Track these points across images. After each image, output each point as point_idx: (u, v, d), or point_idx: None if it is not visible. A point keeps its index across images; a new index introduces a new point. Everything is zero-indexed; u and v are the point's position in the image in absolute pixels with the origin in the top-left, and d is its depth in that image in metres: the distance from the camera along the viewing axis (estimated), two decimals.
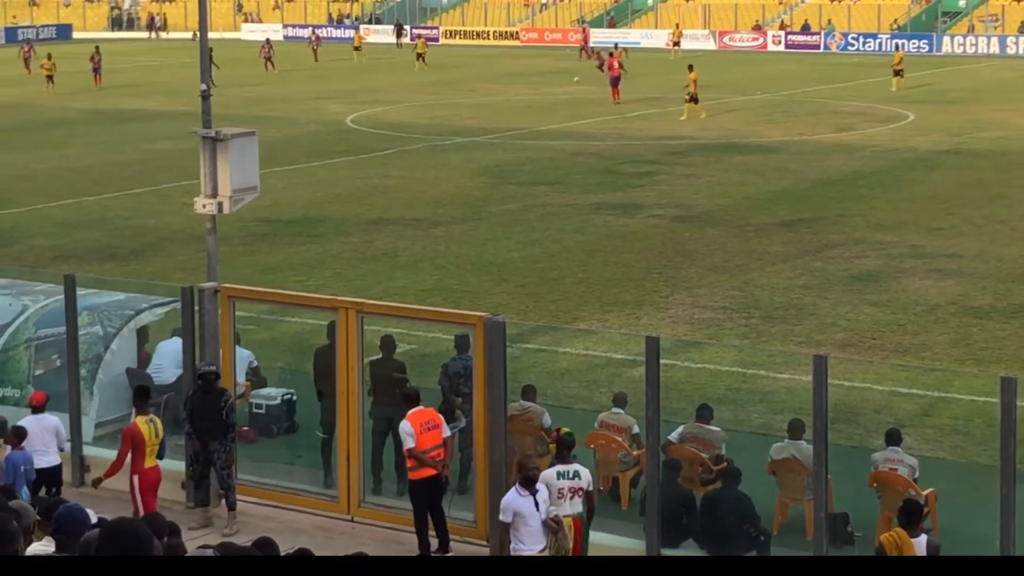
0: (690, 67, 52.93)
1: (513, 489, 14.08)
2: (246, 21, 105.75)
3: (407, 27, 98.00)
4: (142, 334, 19.44)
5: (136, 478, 15.72)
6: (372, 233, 31.84)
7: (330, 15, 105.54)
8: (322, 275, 27.65)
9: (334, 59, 79.86)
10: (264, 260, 29.15)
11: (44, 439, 15.91)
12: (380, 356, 17.39)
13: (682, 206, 34.72)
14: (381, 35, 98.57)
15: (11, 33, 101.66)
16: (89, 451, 17.66)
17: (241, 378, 18.22)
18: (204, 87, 21.38)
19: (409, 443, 15.28)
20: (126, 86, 67.01)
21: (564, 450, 14.55)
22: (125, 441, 15.73)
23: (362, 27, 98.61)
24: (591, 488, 14.55)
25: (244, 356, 18.59)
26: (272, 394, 18.89)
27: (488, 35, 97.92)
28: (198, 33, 21.18)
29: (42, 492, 14.84)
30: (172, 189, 36.98)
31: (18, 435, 15.36)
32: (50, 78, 63.93)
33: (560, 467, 14.38)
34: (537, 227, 32.35)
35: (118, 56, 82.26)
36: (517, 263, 28.73)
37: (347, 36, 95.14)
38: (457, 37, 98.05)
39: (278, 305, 21.01)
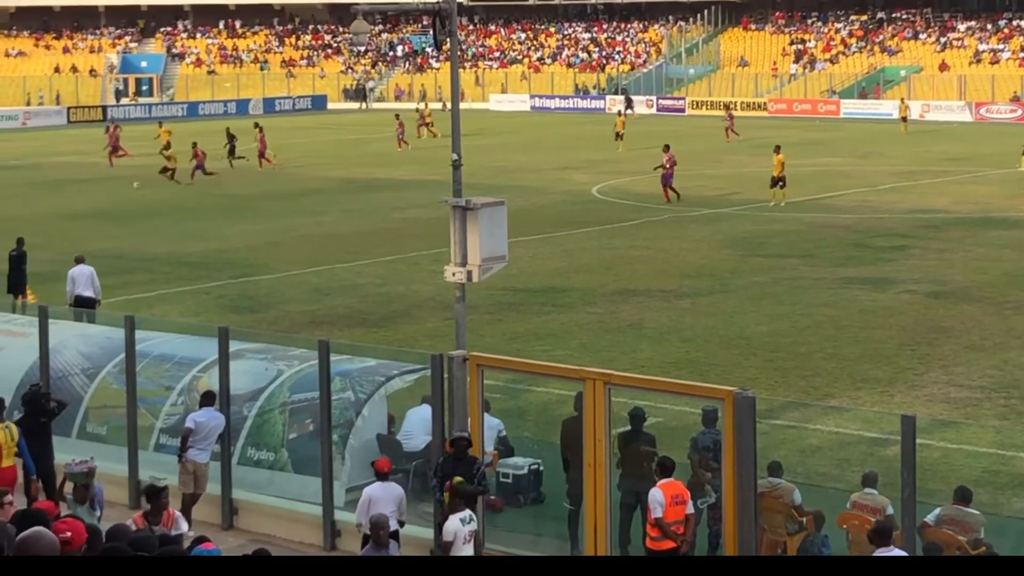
0: (777, 148, 49.82)
1: None
2: (495, 92, 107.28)
3: (652, 98, 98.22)
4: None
5: None
6: (618, 304, 31.78)
7: (576, 86, 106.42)
8: (568, 345, 27.64)
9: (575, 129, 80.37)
10: (511, 329, 29.31)
11: (389, 507, 16.12)
12: (629, 428, 17.24)
13: (936, 281, 33.85)
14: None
15: (269, 104, 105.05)
16: (341, 515, 17.86)
17: (490, 447, 18.24)
18: (455, 157, 21.67)
19: (658, 512, 15.11)
20: (378, 155, 68.46)
21: (458, 499, 15.37)
22: None
23: (608, 98, 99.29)
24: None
25: (493, 424, 18.61)
26: (519, 464, 18.85)
27: (735, 106, 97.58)
28: (447, 104, 21.43)
29: None
30: (421, 257, 37.52)
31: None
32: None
33: (461, 515, 15.20)
34: (786, 300, 31.88)
35: (370, 127, 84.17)
36: (765, 337, 28.32)
37: (594, 107, 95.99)
38: (704, 108, 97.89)
39: (525, 374, 21.01)
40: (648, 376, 21.12)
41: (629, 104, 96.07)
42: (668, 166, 48.79)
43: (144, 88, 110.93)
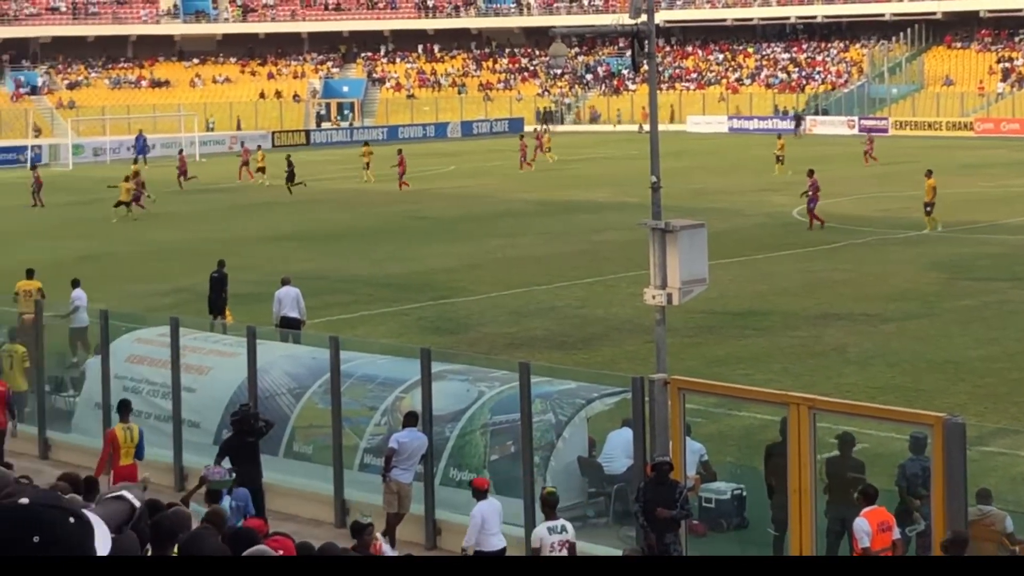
0: (928, 173, 47.49)
1: None
2: (693, 113, 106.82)
3: (854, 118, 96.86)
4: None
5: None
6: (820, 328, 31.30)
7: (775, 107, 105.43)
8: (770, 369, 27.29)
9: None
10: (711, 352, 29.05)
11: (498, 522, 16.32)
12: (838, 454, 16.94)
13: None
14: (827, 126, 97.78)
15: (467, 127, 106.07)
16: None
17: (691, 471, 18.08)
18: (654, 179, 21.57)
19: (865, 542, 14.83)
20: (575, 177, 68.63)
21: (548, 508, 16.16)
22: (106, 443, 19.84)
23: (808, 119, 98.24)
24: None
25: (695, 449, 18.45)
26: (722, 488, 18.65)
27: (940, 126, 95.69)
28: (645, 126, 21.40)
29: None
30: (619, 280, 37.43)
31: None
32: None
33: (549, 524, 15.91)
34: (995, 325, 31.06)
35: (569, 148, 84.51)
36: (974, 362, 27.61)
37: (793, 128, 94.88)
38: (908, 128, 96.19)
39: (727, 398, 20.81)
40: (853, 401, 20.74)
41: (798, 125, 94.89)
42: (812, 192, 47.81)
43: (346, 112, 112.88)
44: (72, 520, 3.80)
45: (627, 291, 34.16)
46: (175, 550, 9.27)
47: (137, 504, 4.63)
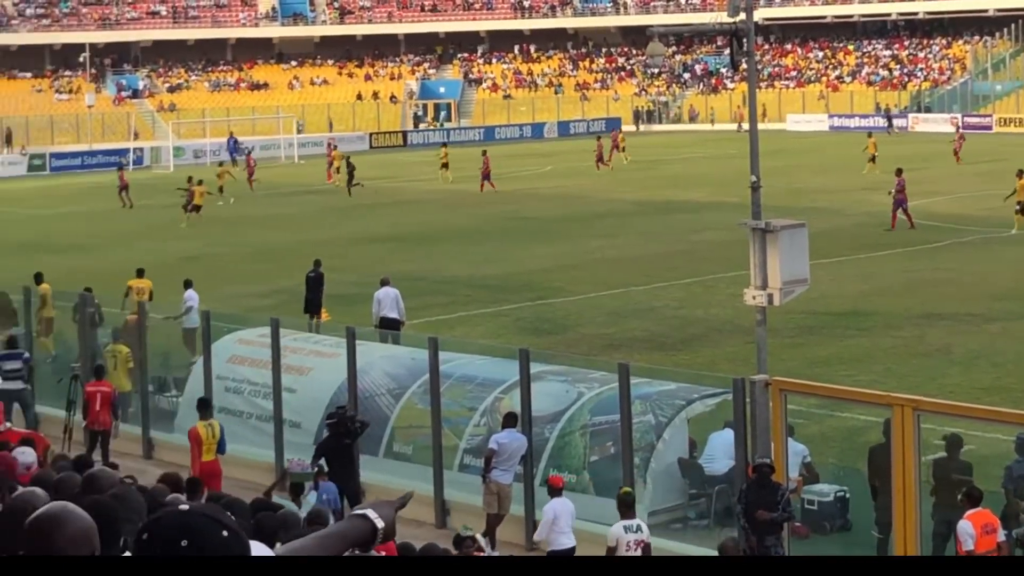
0: (1019, 173, 46.21)
1: None
2: (792, 112, 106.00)
3: (957, 115, 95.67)
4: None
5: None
6: (924, 328, 30.90)
7: (877, 105, 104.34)
8: (872, 370, 26.98)
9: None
10: (812, 353, 28.78)
11: (570, 521, 16.50)
12: (944, 455, 16.72)
13: None
14: (930, 124, 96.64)
15: (564, 127, 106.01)
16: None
17: (794, 472, 17.92)
18: (754, 179, 21.41)
19: (969, 544, 14.63)
20: (672, 177, 68.34)
21: (625, 507, 16.18)
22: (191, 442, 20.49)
23: (910, 116, 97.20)
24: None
25: (798, 450, 18.29)
26: (825, 490, 18.47)
27: None
28: (743, 125, 21.28)
29: None
30: (718, 280, 37.19)
31: None
32: None
33: (626, 523, 15.94)
34: None
35: (667, 148, 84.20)
36: None
37: (896, 126, 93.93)
38: (1012, 125, 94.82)
39: (830, 399, 20.59)
40: (958, 402, 20.45)
41: (890, 123, 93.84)
42: (899, 191, 47.12)
43: (442, 113, 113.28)
44: (225, 533, 3.87)
45: (727, 292, 33.94)
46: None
47: (380, 525, 4.55)
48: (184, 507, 3.96)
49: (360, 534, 4.52)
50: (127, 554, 5.88)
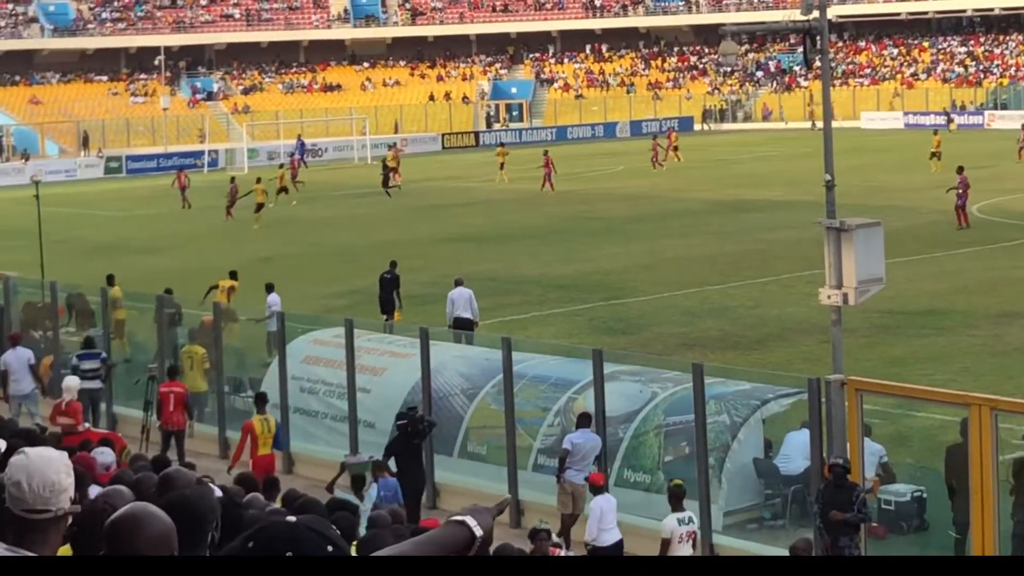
0: None
1: None
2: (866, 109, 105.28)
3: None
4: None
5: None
6: (1003, 327, 30.58)
7: (953, 102, 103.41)
8: (949, 369, 26.74)
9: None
10: (888, 352, 28.56)
11: (614, 517, 16.71)
12: None
13: None
14: (1007, 121, 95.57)
15: (636, 126, 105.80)
16: (718, 539, 17.70)
17: (870, 473, 17.80)
18: (828, 177, 21.27)
19: None
20: (746, 176, 68.03)
21: (676, 500, 16.56)
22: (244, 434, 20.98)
23: (987, 113, 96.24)
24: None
25: (875, 450, 18.17)
26: (901, 491, 18.33)
27: None
28: (818, 123, 21.18)
29: None
30: (793, 279, 36.98)
31: None
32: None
33: (679, 515, 16.33)
34: None
35: (740, 146, 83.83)
36: None
37: (972, 123, 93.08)
38: None
39: (906, 399, 20.43)
40: None
41: (949, 120, 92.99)
42: (961, 189, 46.58)
43: (514, 114, 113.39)
44: (330, 548, 3.89)
45: (802, 291, 33.74)
46: (354, 549, 9.36)
47: (479, 533, 4.46)
48: (292, 519, 3.95)
49: (458, 541, 4.41)
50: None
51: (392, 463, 19.22)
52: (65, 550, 5.93)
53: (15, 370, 25.45)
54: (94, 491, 9.66)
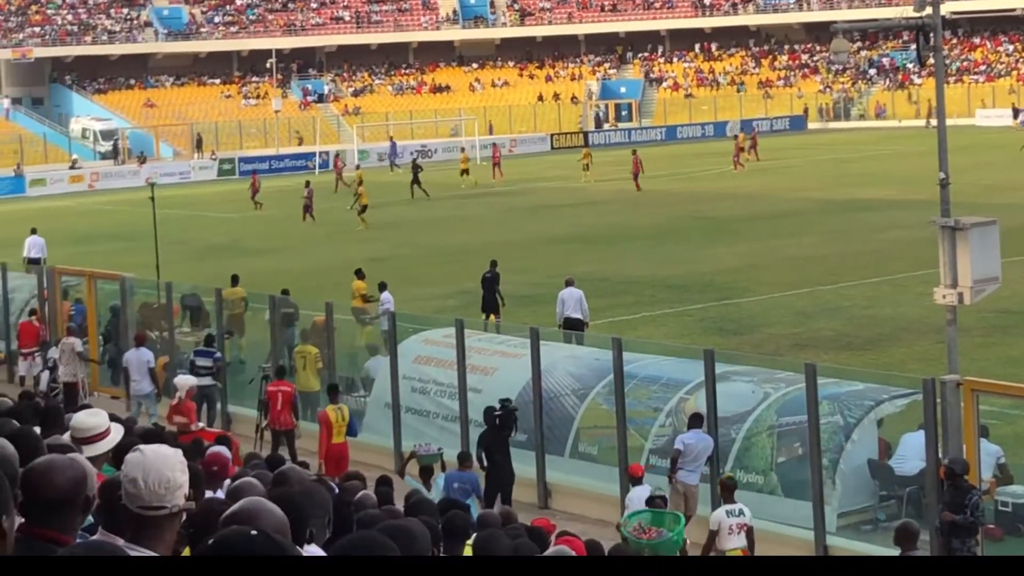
0: None
1: None
2: (982, 107, 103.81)
3: None
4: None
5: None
6: None
7: None
8: None
9: None
10: (1006, 352, 28.14)
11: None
12: None
13: None
14: None
15: (747, 125, 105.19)
16: (832, 540, 17.57)
17: (987, 474, 17.56)
18: (942, 175, 21.03)
19: None
20: (858, 175, 67.36)
21: (727, 492, 16.75)
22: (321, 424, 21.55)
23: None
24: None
25: (991, 451, 17.92)
26: (1019, 492, 18.05)
27: None
28: (931, 121, 20.94)
29: None
30: (907, 279, 36.54)
31: None
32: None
33: (728, 507, 16.46)
34: None
35: (852, 145, 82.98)
36: None
37: None
38: None
39: (1023, 400, 20.11)
40: None
41: (1016, 115, 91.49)
42: None
43: (623, 113, 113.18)
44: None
45: (916, 290, 33.33)
46: (468, 548, 9.39)
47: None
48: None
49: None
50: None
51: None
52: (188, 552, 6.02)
53: (135, 370, 25.90)
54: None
